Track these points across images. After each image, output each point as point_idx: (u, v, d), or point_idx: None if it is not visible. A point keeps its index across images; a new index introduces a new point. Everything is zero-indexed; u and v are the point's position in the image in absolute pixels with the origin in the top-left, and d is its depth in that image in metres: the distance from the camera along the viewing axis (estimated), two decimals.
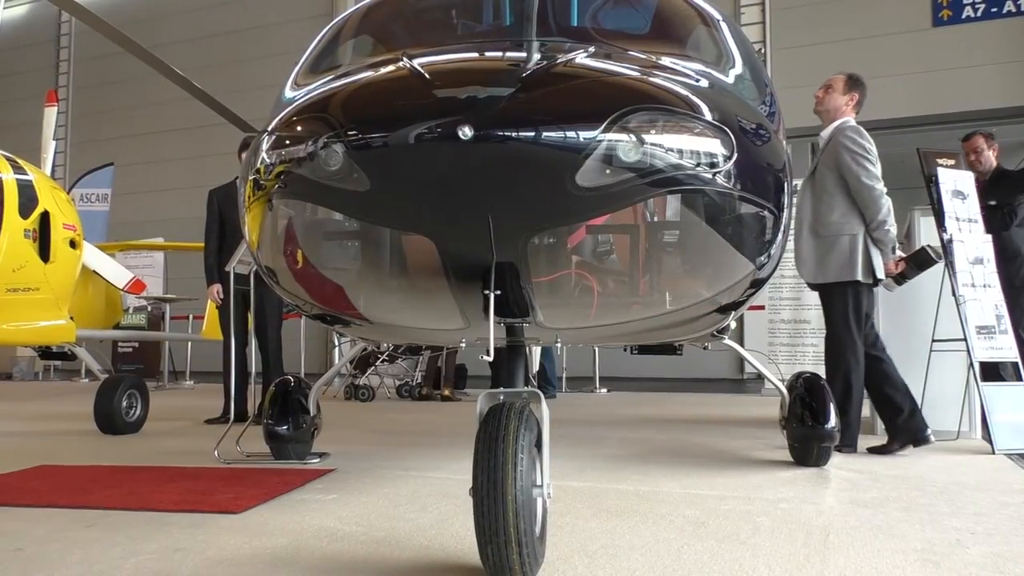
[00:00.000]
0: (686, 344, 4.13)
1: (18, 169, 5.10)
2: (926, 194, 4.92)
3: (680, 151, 1.77)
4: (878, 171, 4.19)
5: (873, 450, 4.28)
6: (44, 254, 5.10)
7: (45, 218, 5.11)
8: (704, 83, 2.09)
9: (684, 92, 1.90)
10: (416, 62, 1.85)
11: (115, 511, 2.84)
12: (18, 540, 2.45)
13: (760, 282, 2.39)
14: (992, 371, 4.78)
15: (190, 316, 11.46)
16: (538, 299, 2.10)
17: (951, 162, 5.02)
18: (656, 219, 1.91)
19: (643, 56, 2.18)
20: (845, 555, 2.26)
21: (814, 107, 4.51)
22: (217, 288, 6.01)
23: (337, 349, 10.43)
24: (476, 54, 2.19)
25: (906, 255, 4.28)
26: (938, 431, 4.72)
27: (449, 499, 3.04)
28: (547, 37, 2.26)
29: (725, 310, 2.64)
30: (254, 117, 4.04)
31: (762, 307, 9.12)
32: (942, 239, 4.71)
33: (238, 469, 3.73)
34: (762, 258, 2.20)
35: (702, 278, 2.19)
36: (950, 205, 4.78)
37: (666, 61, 2.16)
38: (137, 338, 12.24)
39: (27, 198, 5.01)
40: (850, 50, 10.95)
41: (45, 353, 5.99)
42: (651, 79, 1.95)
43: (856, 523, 2.65)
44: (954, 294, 4.62)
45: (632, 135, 1.71)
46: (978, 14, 10.72)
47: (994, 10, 10.63)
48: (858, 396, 4.26)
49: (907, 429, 4.25)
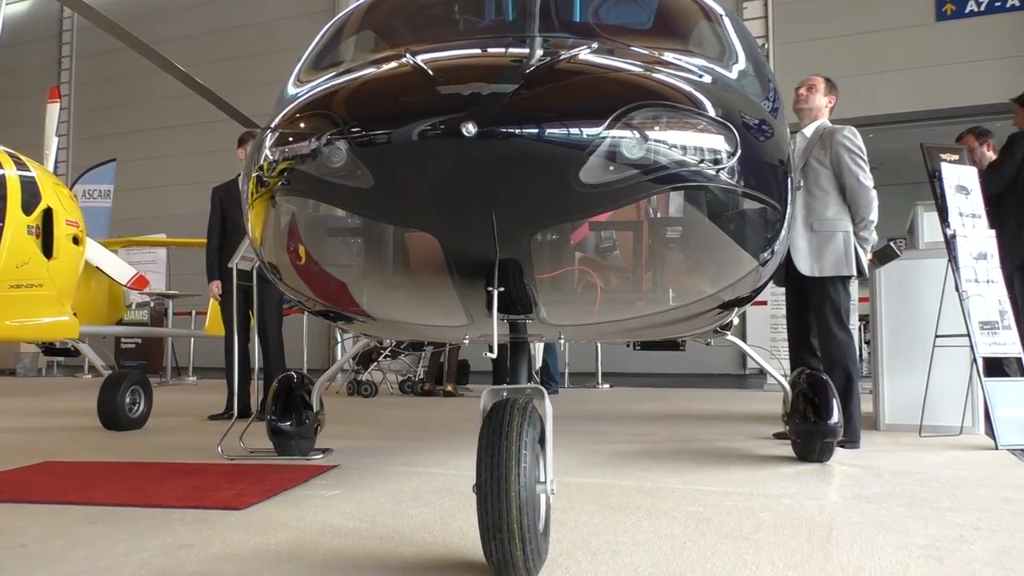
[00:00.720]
0: (689, 340, 4.13)
1: (21, 165, 5.09)
2: (928, 189, 4.92)
3: (684, 147, 1.77)
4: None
5: (779, 435, 4.42)
6: (47, 250, 5.10)
7: (48, 214, 5.11)
8: (708, 79, 2.08)
9: (688, 88, 1.89)
10: (419, 58, 1.85)
11: (119, 507, 2.84)
12: (22, 536, 2.45)
13: (764, 277, 2.39)
14: (995, 367, 4.78)
15: (193, 312, 11.49)
16: (541, 296, 2.10)
17: (955, 157, 5.01)
18: (660, 215, 1.91)
19: (646, 52, 2.17)
20: (848, 551, 2.25)
21: (795, 104, 4.56)
22: (217, 284, 6.01)
23: (340, 345, 10.44)
24: (479, 50, 2.18)
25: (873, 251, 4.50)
26: (941, 427, 4.74)
27: (452, 495, 3.04)
28: (550, 33, 2.25)
29: (729, 306, 2.64)
30: (256, 113, 4.03)
31: (764, 302, 9.11)
32: (945, 234, 4.71)
33: (241, 465, 3.74)
34: (766, 254, 2.20)
35: (706, 274, 2.19)
36: (953, 200, 4.77)
37: (669, 57, 2.16)
38: (140, 334, 12.28)
39: (30, 194, 5.00)
40: (853, 45, 10.93)
41: (48, 349, 6.00)
42: (655, 75, 1.94)
43: (859, 519, 2.65)
44: (957, 289, 4.62)
45: (636, 131, 1.71)
46: (981, 8, 10.69)
47: (997, 4, 10.60)
48: (858, 389, 4.31)
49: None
